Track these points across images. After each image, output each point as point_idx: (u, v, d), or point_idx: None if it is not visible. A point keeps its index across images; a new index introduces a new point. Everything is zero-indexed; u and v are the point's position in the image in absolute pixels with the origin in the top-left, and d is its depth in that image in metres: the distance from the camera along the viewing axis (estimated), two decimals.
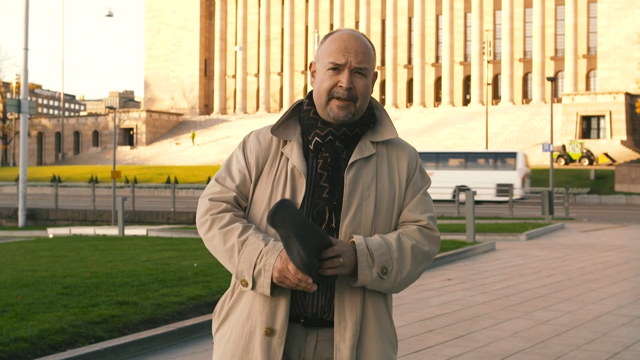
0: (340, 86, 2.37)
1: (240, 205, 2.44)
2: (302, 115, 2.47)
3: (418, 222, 2.44)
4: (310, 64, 2.50)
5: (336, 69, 2.39)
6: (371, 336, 2.39)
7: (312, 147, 2.40)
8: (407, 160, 2.48)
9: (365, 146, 2.42)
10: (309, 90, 2.50)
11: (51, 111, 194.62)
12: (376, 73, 2.50)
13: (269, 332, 2.32)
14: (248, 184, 2.44)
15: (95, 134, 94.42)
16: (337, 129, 2.40)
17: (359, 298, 2.37)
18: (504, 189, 35.69)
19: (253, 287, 2.31)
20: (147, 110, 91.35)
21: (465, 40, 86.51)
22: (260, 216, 2.40)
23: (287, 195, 2.36)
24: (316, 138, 2.40)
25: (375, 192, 2.40)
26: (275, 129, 2.44)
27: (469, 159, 41.79)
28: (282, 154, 2.43)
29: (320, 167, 2.38)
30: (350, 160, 2.38)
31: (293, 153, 2.40)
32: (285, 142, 2.45)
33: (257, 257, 2.29)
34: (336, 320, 2.34)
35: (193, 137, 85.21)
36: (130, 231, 23.33)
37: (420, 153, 45.09)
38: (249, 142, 2.48)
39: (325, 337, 2.39)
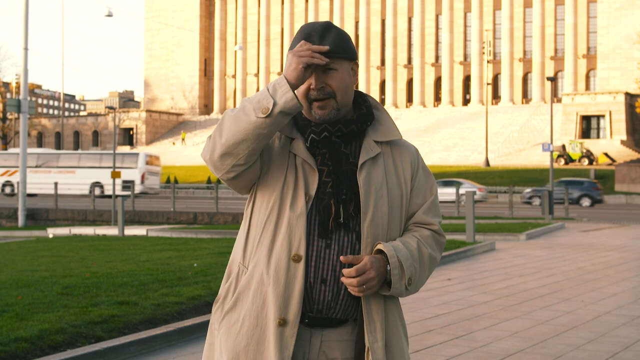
0: (312, 88, 2.36)
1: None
2: (296, 116, 2.46)
3: (430, 226, 2.49)
4: None
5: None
6: (395, 334, 2.43)
7: (308, 145, 2.40)
8: (409, 160, 2.50)
9: (370, 146, 2.42)
10: None
11: (51, 111, 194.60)
12: (355, 62, 2.44)
13: (282, 322, 2.32)
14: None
15: (95, 134, 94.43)
16: (332, 126, 2.40)
17: (381, 297, 2.41)
18: (127, 184, 40.87)
19: (274, 106, 2.25)
20: (147, 110, 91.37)
21: (465, 40, 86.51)
22: (271, 202, 2.39)
23: (301, 187, 2.37)
24: (312, 135, 2.40)
25: (387, 192, 2.42)
26: None
27: (104, 159, 47.67)
28: (288, 150, 2.43)
29: (320, 163, 2.38)
30: (360, 162, 2.39)
31: (300, 149, 2.41)
32: (287, 139, 2.45)
33: (266, 86, 2.31)
34: (366, 321, 2.37)
35: (183, 137, 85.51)
36: (130, 231, 23.33)
37: (53, 154, 43.59)
38: None
39: (330, 338, 2.40)
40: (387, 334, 2.41)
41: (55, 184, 37.03)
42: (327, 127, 2.40)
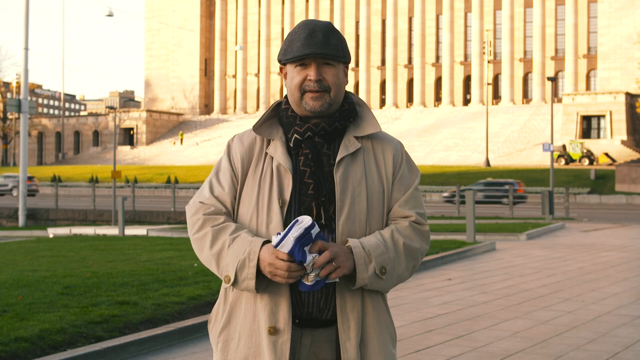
0: (310, 79, 2.38)
1: (230, 210, 2.45)
2: (281, 115, 2.48)
3: (407, 218, 2.45)
4: (280, 68, 2.51)
5: (303, 64, 2.39)
6: (372, 332, 2.40)
7: (292, 145, 2.41)
8: (392, 154, 2.48)
9: (350, 142, 2.42)
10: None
11: (51, 111, 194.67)
12: (347, 66, 2.48)
13: (273, 331, 2.32)
14: (236, 187, 2.46)
15: (96, 133, 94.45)
16: (316, 125, 2.41)
17: (359, 296, 2.39)
18: None
19: (235, 282, 2.31)
20: (148, 110, 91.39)
21: (466, 40, 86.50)
22: (249, 216, 2.41)
23: (275, 193, 2.37)
24: (295, 135, 2.41)
25: (365, 188, 2.41)
26: (258, 127, 2.46)
27: None
28: (266, 153, 2.44)
29: (302, 164, 2.38)
30: (338, 158, 2.39)
31: (277, 151, 2.41)
32: (268, 142, 2.46)
33: (243, 250, 2.29)
34: (339, 319, 2.36)
35: (181, 137, 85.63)
36: (131, 231, 23.32)
37: None
38: (233, 146, 2.50)
39: (321, 338, 2.40)
40: (364, 331, 2.38)
41: (56, 183, 37.02)
42: (310, 126, 2.40)
